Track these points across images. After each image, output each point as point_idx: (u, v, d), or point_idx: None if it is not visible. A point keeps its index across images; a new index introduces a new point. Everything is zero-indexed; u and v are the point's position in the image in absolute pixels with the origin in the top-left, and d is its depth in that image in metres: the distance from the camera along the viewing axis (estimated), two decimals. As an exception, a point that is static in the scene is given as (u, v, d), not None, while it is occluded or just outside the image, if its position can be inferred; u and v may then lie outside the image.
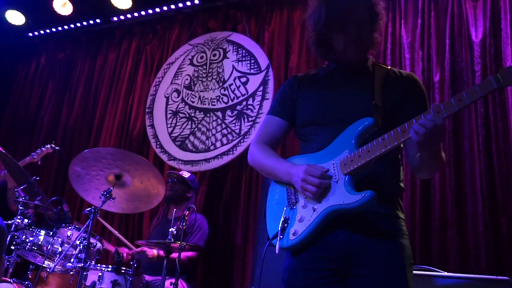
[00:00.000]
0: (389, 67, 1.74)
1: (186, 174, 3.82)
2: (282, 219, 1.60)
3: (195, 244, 3.35)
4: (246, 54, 4.54)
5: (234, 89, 4.49)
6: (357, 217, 1.50)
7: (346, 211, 1.47)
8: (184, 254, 3.39)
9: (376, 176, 1.54)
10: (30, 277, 2.99)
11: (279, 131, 1.78)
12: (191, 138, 4.53)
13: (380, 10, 1.68)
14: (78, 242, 2.82)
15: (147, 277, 3.13)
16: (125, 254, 3.31)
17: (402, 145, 1.60)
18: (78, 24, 5.59)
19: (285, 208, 1.63)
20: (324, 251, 1.52)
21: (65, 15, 5.31)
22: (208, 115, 4.54)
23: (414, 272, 2.47)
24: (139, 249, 3.28)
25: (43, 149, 3.98)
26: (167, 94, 4.85)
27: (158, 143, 4.67)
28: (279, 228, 1.58)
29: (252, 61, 4.48)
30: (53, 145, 3.98)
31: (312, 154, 1.65)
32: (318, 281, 1.52)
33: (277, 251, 1.57)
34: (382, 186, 1.55)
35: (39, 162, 3.98)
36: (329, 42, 1.68)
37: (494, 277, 2.32)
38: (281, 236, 1.57)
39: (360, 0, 1.62)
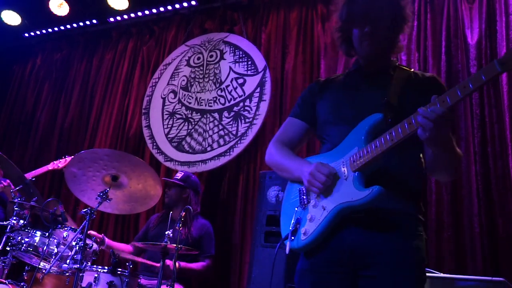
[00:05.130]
0: (412, 70, 1.72)
1: (178, 175, 3.74)
2: (293, 220, 1.60)
3: (210, 254, 3.52)
4: (243, 55, 4.54)
5: (231, 90, 4.48)
6: (367, 215, 1.48)
7: (354, 208, 1.46)
8: (200, 264, 3.46)
9: (391, 171, 1.52)
10: (25, 278, 2.97)
11: (298, 132, 1.81)
12: (188, 139, 4.52)
13: (406, 15, 1.67)
14: (74, 243, 2.81)
15: (143, 281, 3.12)
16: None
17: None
18: (75, 25, 5.59)
19: (296, 209, 1.63)
20: (333, 254, 1.52)
21: (61, 16, 5.31)
22: (205, 116, 4.53)
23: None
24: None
25: (67, 158, 4.03)
26: (164, 95, 4.84)
27: (154, 144, 4.66)
28: (291, 229, 1.58)
29: (249, 63, 4.48)
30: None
31: (324, 153, 1.66)
32: (328, 284, 1.52)
33: (287, 252, 1.58)
34: (398, 182, 1.52)
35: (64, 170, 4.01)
36: (350, 38, 1.70)
37: (490, 278, 2.33)
38: (293, 238, 1.58)
39: (384, 0, 1.63)
